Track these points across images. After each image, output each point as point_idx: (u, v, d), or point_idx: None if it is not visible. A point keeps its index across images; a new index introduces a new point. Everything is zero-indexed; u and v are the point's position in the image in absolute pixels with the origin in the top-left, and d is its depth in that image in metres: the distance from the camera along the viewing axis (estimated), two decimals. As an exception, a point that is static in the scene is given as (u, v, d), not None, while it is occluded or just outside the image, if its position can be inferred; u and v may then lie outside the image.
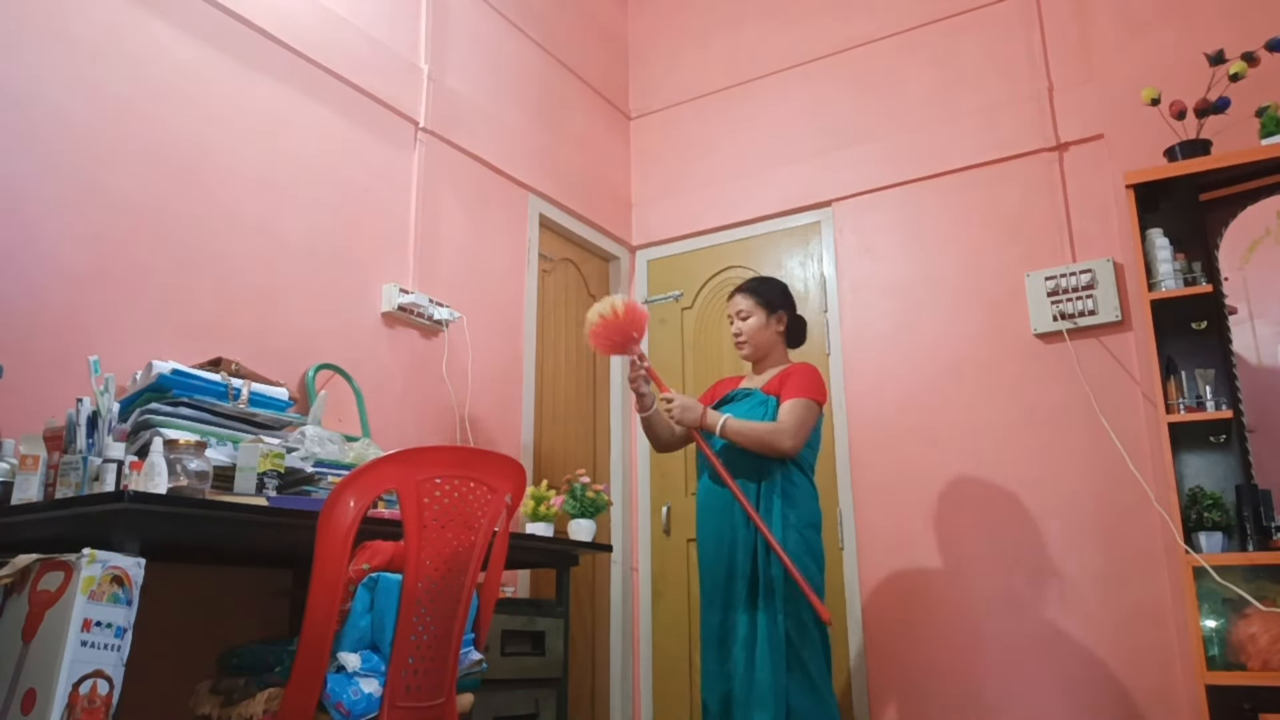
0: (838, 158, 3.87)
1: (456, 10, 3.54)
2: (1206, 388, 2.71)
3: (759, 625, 2.58)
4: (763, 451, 2.64)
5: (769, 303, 2.87)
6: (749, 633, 2.59)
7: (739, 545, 2.66)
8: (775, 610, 2.58)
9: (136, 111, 2.41)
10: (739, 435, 2.64)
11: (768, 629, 2.56)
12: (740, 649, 2.59)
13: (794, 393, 2.69)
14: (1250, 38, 2.83)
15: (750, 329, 2.84)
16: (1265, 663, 2.41)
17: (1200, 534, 2.59)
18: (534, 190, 3.78)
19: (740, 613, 2.62)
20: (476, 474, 1.86)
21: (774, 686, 2.51)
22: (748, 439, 2.64)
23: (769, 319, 2.86)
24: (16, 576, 1.52)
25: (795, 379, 2.74)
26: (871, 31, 3.92)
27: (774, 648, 2.54)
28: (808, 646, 2.57)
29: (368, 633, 1.75)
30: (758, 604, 2.60)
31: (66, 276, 2.20)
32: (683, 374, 4.09)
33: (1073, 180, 3.35)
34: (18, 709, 1.41)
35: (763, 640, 2.56)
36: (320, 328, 2.80)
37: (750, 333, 2.84)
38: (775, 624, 2.56)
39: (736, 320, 2.87)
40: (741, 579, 2.64)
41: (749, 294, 2.88)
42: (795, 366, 2.82)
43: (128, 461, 1.75)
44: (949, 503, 3.35)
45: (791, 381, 2.73)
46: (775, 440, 2.61)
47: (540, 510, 2.81)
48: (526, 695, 2.53)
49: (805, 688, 2.54)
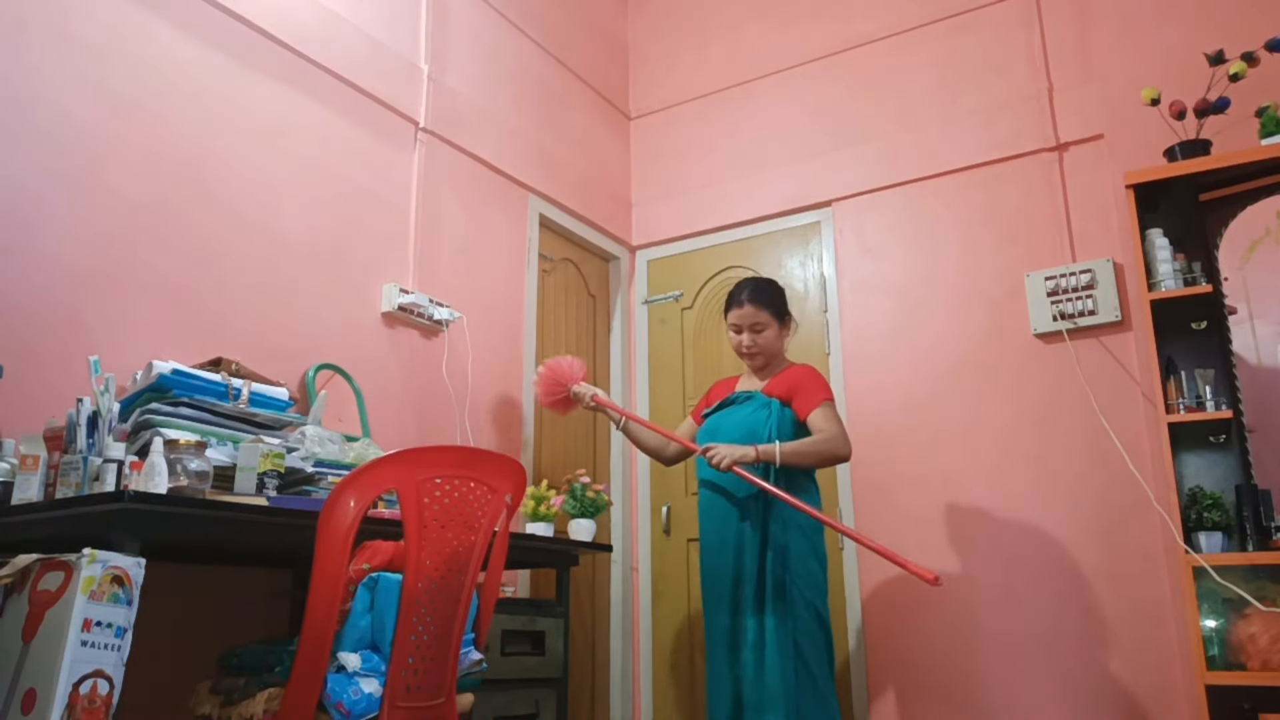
0: (838, 158, 3.87)
1: (456, 10, 3.54)
2: (1206, 388, 2.71)
3: (767, 628, 2.58)
4: (826, 464, 2.71)
5: (780, 312, 2.87)
6: (758, 636, 2.60)
7: (745, 548, 2.67)
8: (783, 613, 2.58)
9: (137, 111, 2.41)
10: (798, 457, 2.64)
11: (776, 632, 2.57)
12: (750, 652, 2.59)
13: (815, 399, 2.72)
14: (1250, 38, 2.83)
15: (766, 341, 2.83)
16: (1265, 663, 2.41)
17: (1200, 534, 2.59)
18: (534, 190, 3.78)
19: (749, 616, 2.62)
20: (476, 474, 1.86)
21: (784, 689, 2.52)
22: (808, 458, 2.66)
23: (780, 329, 2.87)
24: (16, 576, 1.52)
25: (806, 385, 2.75)
26: (871, 31, 3.92)
27: (783, 651, 2.55)
28: (813, 649, 2.58)
29: (368, 633, 1.75)
30: (765, 607, 2.60)
31: (66, 276, 2.20)
32: (682, 374, 4.09)
33: (1073, 180, 3.35)
34: (18, 709, 1.41)
35: (771, 643, 2.56)
36: (320, 328, 2.80)
37: (765, 344, 2.83)
38: (784, 627, 2.57)
39: (748, 332, 2.82)
40: (749, 582, 2.64)
41: (763, 306, 2.81)
42: (797, 369, 2.82)
43: (128, 461, 1.75)
44: (949, 503, 3.35)
45: (804, 388, 2.74)
46: (835, 450, 2.66)
47: (540, 510, 2.81)
48: (526, 695, 2.53)
49: (810, 691, 2.55)
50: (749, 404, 2.81)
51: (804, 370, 2.81)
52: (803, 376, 2.77)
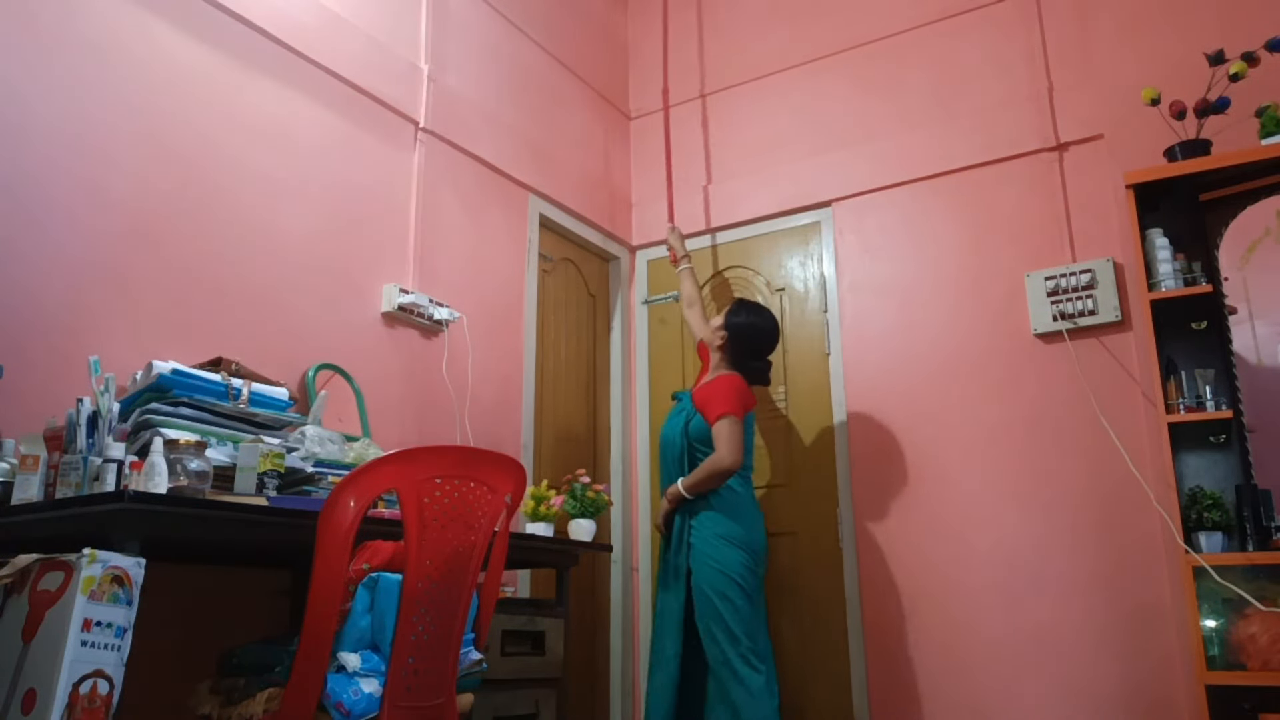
0: (838, 158, 3.87)
1: (456, 10, 3.54)
2: (1206, 388, 2.71)
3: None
4: (716, 483, 3.03)
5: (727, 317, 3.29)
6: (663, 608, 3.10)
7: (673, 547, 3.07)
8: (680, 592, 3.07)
9: (137, 111, 2.41)
10: (697, 487, 3.02)
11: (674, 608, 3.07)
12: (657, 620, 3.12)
13: (714, 413, 3.07)
14: (1250, 38, 2.83)
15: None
16: (1265, 663, 2.41)
17: (1200, 534, 2.59)
18: (534, 190, 3.78)
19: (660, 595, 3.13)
20: (476, 474, 1.86)
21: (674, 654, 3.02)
22: (703, 485, 3.02)
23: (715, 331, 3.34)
24: (16, 576, 1.52)
25: (713, 399, 3.10)
26: (871, 31, 3.92)
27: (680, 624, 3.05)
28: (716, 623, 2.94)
29: (368, 633, 1.75)
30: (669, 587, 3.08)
31: (67, 276, 2.20)
32: (682, 374, 4.09)
33: (1073, 180, 3.35)
34: (18, 709, 1.41)
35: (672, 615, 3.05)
36: (320, 328, 2.80)
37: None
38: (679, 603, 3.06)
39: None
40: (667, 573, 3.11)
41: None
42: (715, 381, 3.17)
43: (128, 461, 1.75)
44: (949, 503, 3.35)
45: (711, 401, 3.09)
46: (715, 469, 3.00)
47: (540, 510, 2.81)
48: (526, 695, 2.53)
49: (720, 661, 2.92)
50: (675, 407, 3.23)
51: (717, 383, 3.10)
52: (712, 389, 3.09)
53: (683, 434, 3.09)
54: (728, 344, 3.19)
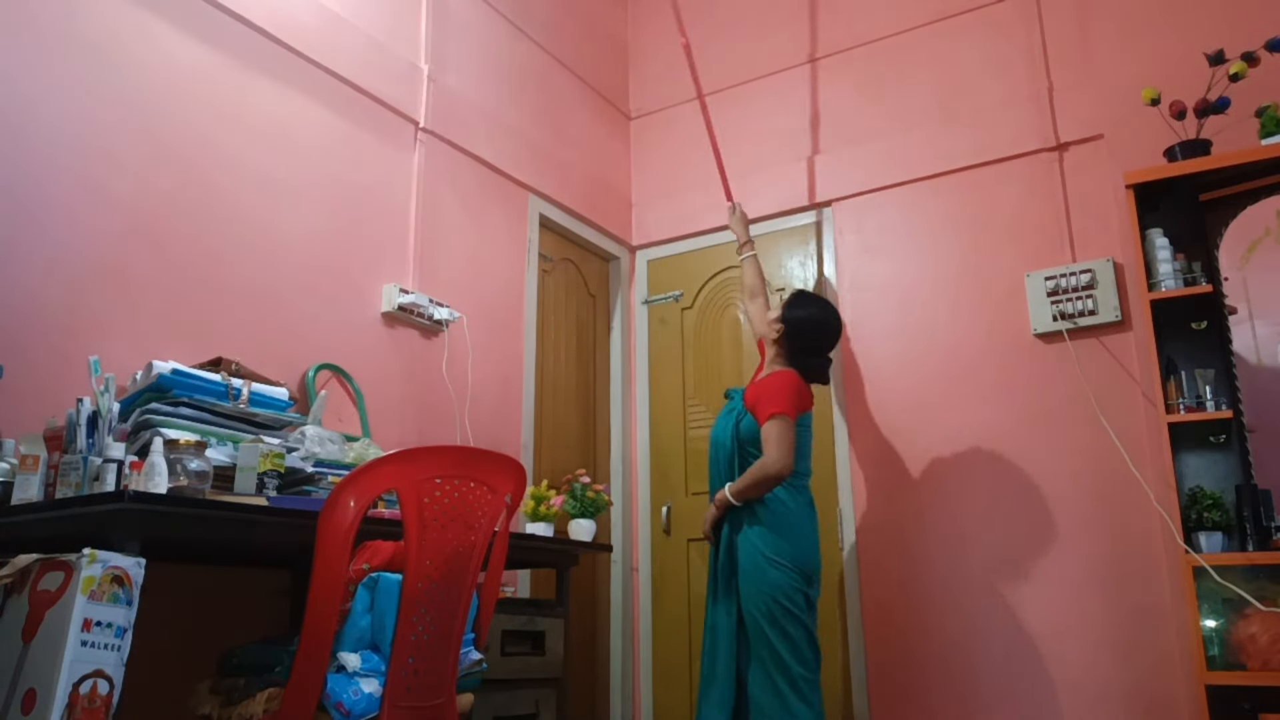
0: (838, 158, 3.87)
1: (456, 10, 3.54)
2: (1206, 388, 2.71)
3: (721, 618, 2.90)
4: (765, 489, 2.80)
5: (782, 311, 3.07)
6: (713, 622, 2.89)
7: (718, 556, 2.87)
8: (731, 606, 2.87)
9: (137, 111, 2.41)
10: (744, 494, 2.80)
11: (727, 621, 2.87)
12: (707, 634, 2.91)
13: (766, 411, 2.84)
14: (1250, 38, 2.83)
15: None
16: (1265, 663, 2.41)
17: (1200, 534, 2.59)
18: (534, 190, 3.78)
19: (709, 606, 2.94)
20: (476, 474, 1.86)
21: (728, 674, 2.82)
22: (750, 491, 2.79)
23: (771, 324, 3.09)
24: (16, 576, 1.52)
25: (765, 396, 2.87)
26: (871, 31, 3.92)
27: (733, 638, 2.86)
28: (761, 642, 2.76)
29: (368, 633, 1.75)
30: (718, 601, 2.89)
31: (67, 276, 2.20)
32: (682, 374, 4.09)
33: (1073, 180, 3.35)
34: (18, 709, 1.41)
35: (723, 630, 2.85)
36: (320, 328, 2.80)
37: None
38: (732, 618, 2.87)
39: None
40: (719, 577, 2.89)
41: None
42: (770, 378, 2.96)
43: (128, 461, 1.76)
44: (949, 503, 3.35)
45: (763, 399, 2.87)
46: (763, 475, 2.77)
47: (540, 510, 2.81)
48: (526, 695, 2.53)
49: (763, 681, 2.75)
50: (726, 406, 3.02)
51: (770, 379, 2.90)
52: (764, 386, 2.89)
53: (733, 435, 2.88)
54: (784, 338, 2.95)
